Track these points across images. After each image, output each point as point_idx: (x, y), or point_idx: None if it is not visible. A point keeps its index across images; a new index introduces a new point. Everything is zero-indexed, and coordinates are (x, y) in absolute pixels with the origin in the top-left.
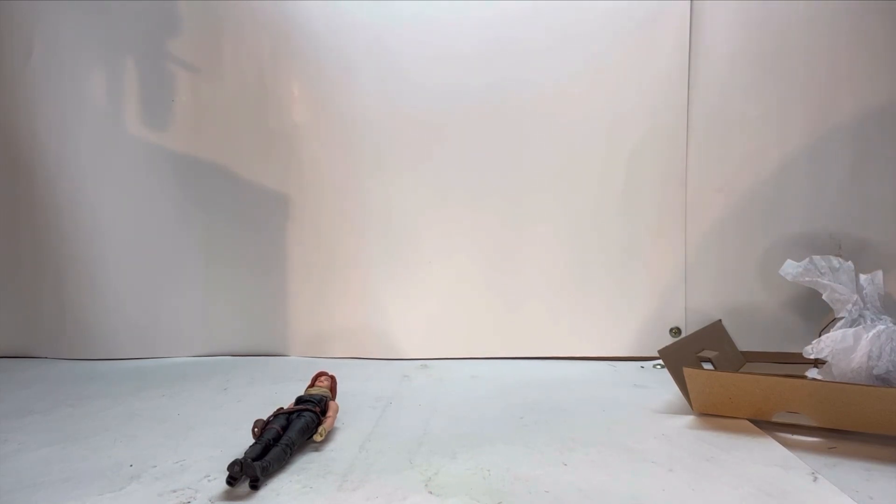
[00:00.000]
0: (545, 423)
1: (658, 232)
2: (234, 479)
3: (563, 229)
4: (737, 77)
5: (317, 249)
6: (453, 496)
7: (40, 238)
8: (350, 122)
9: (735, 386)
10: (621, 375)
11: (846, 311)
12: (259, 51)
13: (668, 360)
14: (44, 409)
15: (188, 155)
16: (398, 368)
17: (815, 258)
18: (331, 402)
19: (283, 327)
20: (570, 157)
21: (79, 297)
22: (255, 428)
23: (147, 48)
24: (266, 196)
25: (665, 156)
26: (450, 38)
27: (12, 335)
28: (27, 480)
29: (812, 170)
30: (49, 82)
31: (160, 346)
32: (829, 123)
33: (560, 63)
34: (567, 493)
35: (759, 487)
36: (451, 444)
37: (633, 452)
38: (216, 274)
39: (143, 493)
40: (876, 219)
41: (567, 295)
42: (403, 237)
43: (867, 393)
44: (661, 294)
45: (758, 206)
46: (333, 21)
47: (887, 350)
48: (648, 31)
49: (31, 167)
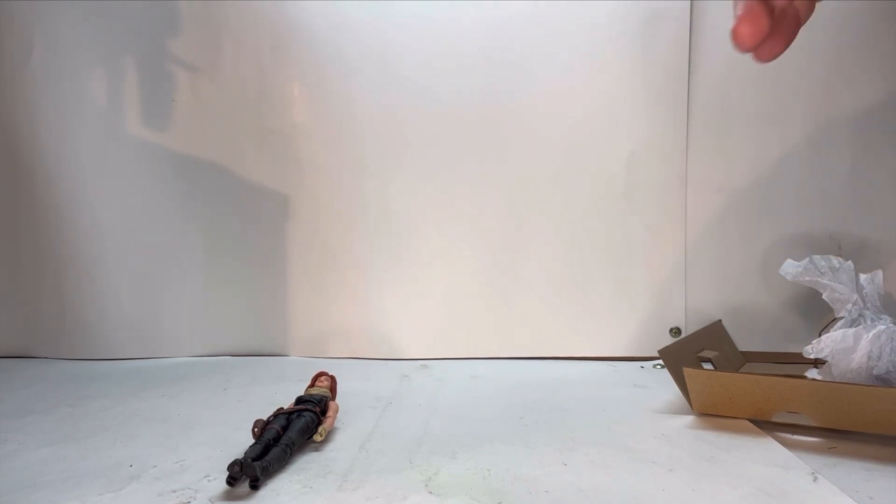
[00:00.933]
0: (545, 423)
1: (658, 232)
2: (234, 479)
3: (563, 229)
4: (737, 77)
5: (316, 249)
6: (453, 496)
7: (40, 238)
8: (350, 122)
9: (735, 386)
10: (621, 375)
11: (846, 311)
12: (259, 51)
13: (668, 360)
14: (44, 409)
15: (188, 155)
16: (398, 368)
17: (815, 258)
18: (331, 402)
19: (282, 327)
20: (569, 156)
21: (79, 297)
22: (255, 428)
23: (147, 48)
24: (266, 196)
25: (665, 156)
26: (450, 37)
27: (12, 335)
28: (27, 480)
29: (812, 169)
30: (49, 82)
31: (160, 346)
32: (830, 123)
33: (560, 62)
34: (567, 493)
35: (759, 487)
36: (451, 444)
37: (633, 452)
38: (216, 274)
39: (143, 493)
40: (876, 218)
41: (567, 295)
42: (403, 237)
43: (867, 393)
44: (661, 294)
45: (758, 206)
46: (333, 21)
47: (887, 350)
48: (648, 31)
49: (31, 167)
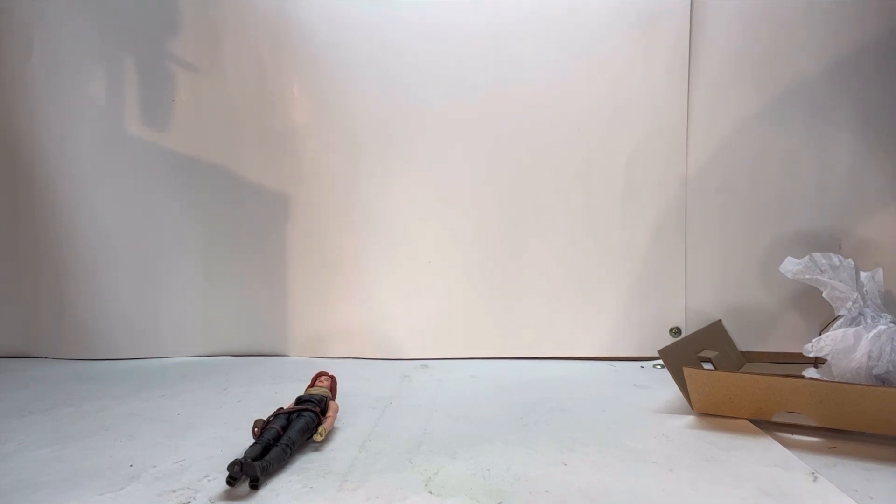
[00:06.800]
0: (545, 423)
1: (658, 232)
2: (234, 479)
3: (564, 229)
4: (737, 77)
5: (317, 249)
6: (453, 496)
7: (40, 238)
8: (350, 122)
9: (735, 386)
10: (621, 375)
11: (846, 309)
12: (259, 51)
13: (668, 360)
14: (44, 409)
15: (188, 155)
16: (398, 368)
17: (816, 255)
18: (331, 402)
19: (282, 327)
20: (570, 156)
21: (79, 297)
22: (255, 428)
23: (147, 48)
24: (266, 196)
25: (665, 156)
26: (449, 38)
27: (12, 335)
28: (27, 480)
29: (812, 169)
30: (49, 82)
31: (160, 346)
32: (829, 123)
33: (560, 63)
34: (567, 493)
35: (759, 487)
36: (451, 444)
37: (633, 452)
38: (216, 274)
39: (143, 493)
40: (876, 217)
41: (567, 295)
42: (403, 237)
43: (867, 393)
44: (661, 294)
45: (758, 205)
46: (333, 21)
47: (887, 350)
48: (648, 31)
49: (31, 167)
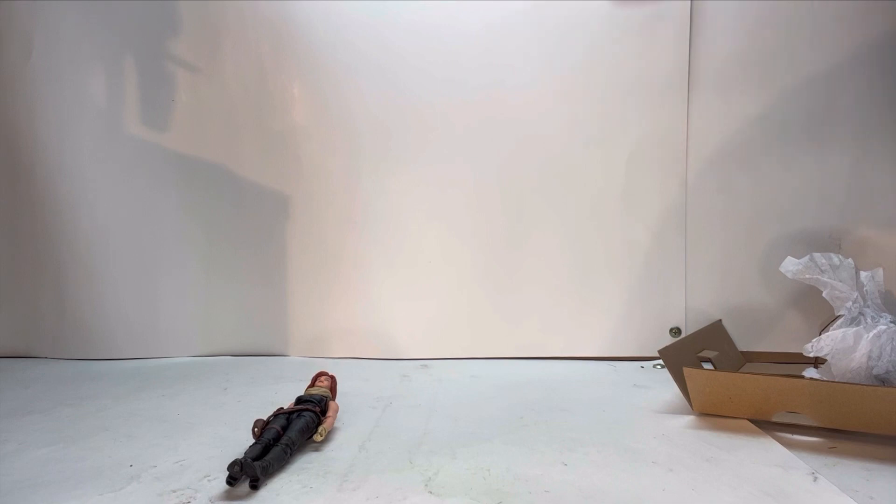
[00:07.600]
0: (545, 423)
1: (658, 232)
2: (234, 479)
3: (564, 229)
4: (737, 77)
5: (317, 249)
6: (453, 496)
7: (40, 238)
8: (350, 122)
9: (735, 386)
10: (621, 375)
11: (846, 309)
12: (259, 51)
13: (668, 360)
14: (44, 409)
15: (188, 155)
16: (398, 368)
17: (816, 255)
18: (331, 402)
19: (282, 327)
20: (570, 157)
21: (79, 297)
22: (255, 428)
23: (147, 48)
24: (266, 196)
25: (665, 156)
26: (449, 38)
27: (12, 335)
28: (27, 480)
29: (812, 169)
30: (49, 82)
31: (160, 346)
32: (829, 122)
33: (560, 63)
34: (567, 493)
35: (759, 487)
36: (451, 444)
37: (633, 452)
38: (216, 274)
39: (143, 493)
40: (876, 217)
41: (567, 295)
42: (403, 237)
43: (867, 393)
44: (661, 294)
45: (758, 205)
46: (333, 21)
47: (887, 350)
48: (648, 31)
49: (31, 167)
